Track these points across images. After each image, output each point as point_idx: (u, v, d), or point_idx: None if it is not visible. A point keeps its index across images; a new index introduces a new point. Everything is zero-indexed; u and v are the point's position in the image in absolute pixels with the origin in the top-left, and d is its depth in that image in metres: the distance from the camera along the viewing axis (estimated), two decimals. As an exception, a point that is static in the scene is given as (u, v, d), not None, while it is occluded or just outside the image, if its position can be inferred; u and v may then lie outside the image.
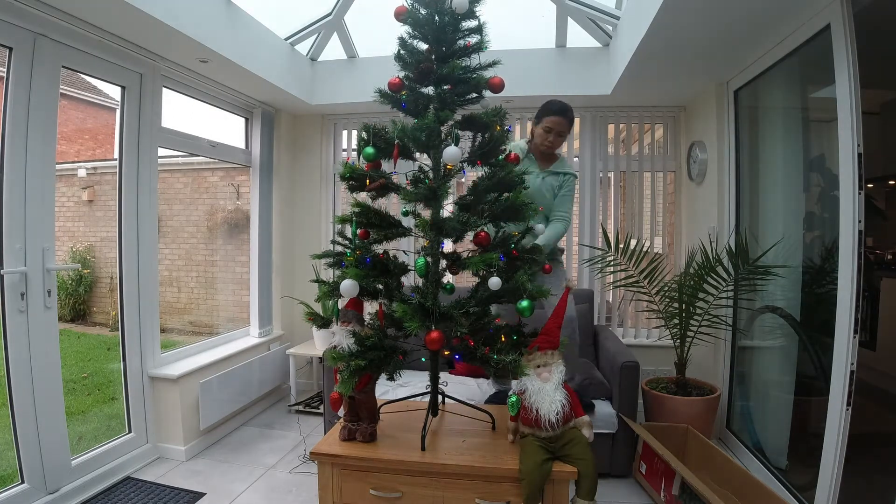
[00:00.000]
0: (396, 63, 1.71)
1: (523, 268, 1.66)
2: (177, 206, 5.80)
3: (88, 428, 3.45)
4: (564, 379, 1.65)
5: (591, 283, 3.71)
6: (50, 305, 2.22)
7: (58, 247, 2.36)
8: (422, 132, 1.60)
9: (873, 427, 2.94)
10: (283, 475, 2.69)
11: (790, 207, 2.62)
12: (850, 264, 1.89)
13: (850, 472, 1.93)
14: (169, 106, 2.91)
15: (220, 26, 2.71)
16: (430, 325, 1.51)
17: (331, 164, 4.08)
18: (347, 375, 1.55)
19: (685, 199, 3.62)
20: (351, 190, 1.75)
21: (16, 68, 2.08)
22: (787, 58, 2.39)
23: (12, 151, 2.08)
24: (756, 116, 2.89)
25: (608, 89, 3.36)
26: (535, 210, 1.66)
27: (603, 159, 3.77)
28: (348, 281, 1.55)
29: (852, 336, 1.87)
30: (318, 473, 1.66)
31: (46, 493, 2.19)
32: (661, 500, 2.30)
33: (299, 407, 3.60)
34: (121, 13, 2.20)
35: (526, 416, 1.62)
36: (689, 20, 2.23)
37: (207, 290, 5.75)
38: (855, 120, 1.88)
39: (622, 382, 2.58)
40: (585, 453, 1.58)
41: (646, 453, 2.49)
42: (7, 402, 2.11)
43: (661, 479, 2.33)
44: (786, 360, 2.58)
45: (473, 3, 1.65)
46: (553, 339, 1.66)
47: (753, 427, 2.78)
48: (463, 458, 1.59)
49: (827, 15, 2.00)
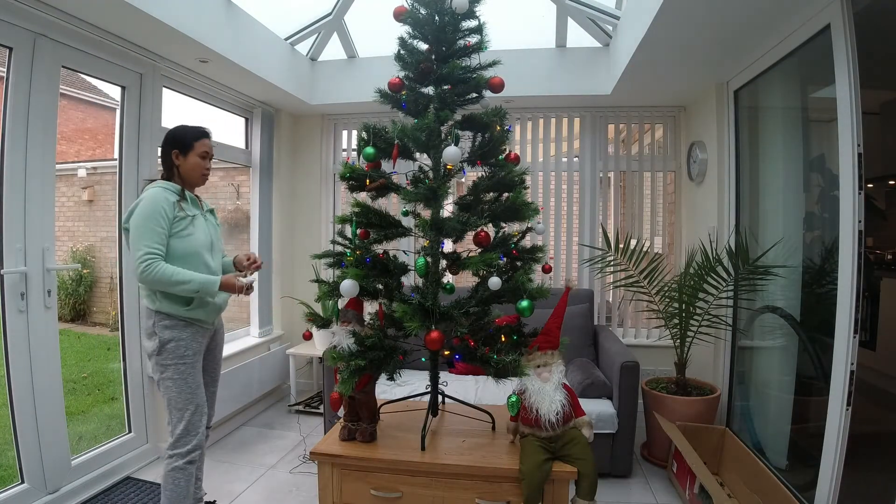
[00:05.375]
0: (396, 63, 1.71)
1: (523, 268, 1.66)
2: (177, 206, 5.78)
3: (88, 428, 3.45)
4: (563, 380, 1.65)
5: (591, 283, 3.71)
6: (50, 305, 2.22)
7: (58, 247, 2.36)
8: (422, 132, 1.60)
9: (873, 427, 2.94)
10: (283, 475, 2.69)
11: (790, 207, 2.62)
12: (850, 264, 1.89)
13: (850, 472, 1.93)
14: (169, 106, 2.91)
15: (220, 26, 2.71)
16: (430, 325, 1.51)
17: (331, 164, 4.08)
18: (347, 375, 1.55)
19: (685, 199, 3.62)
20: (351, 190, 1.75)
21: (16, 68, 2.08)
22: (787, 58, 2.39)
23: (12, 151, 2.08)
24: (756, 116, 2.89)
25: (608, 89, 3.36)
26: (536, 210, 1.66)
27: (603, 159, 3.77)
28: (348, 281, 1.55)
29: (852, 336, 1.87)
30: (318, 473, 1.66)
31: (46, 493, 2.19)
32: (686, 499, 2.34)
33: (299, 407, 3.60)
34: (121, 13, 2.20)
35: (526, 416, 1.62)
36: (689, 20, 2.23)
37: (207, 290, 5.74)
38: (855, 120, 1.88)
39: (622, 382, 2.58)
40: (585, 453, 1.58)
41: (677, 452, 2.51)
42: (7, 402, 2.11)
43: (687, 478, 2.36)
44: (786, 360, 2.58)
45: (473, 3, 1.66)
46: (553, 339, 1.66)
47: (753, 427, 2.78)
48: (463, 458, 1.59)
49: (827, 15, 2.00)
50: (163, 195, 1.87)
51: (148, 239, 1.80)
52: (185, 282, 1.81)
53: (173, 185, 1.95)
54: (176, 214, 1.89)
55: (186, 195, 1.98)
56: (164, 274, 1.79)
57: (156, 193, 1.86)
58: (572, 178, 3.86)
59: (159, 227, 1.82)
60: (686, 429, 2.56)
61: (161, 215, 1.83)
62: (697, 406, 2.71)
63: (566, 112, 3.79)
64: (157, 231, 1.82)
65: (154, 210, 1.82)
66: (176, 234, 1.88)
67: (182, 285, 1.81)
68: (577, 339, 3.16)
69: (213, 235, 2.06)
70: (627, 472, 2.66)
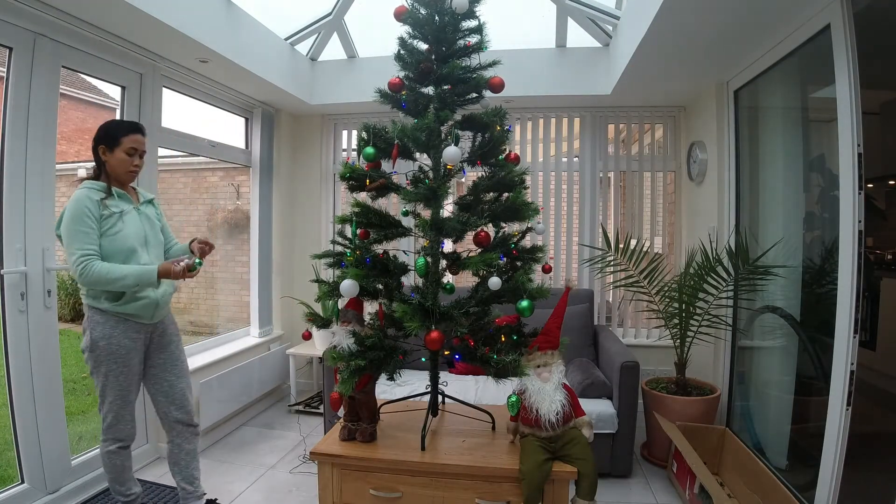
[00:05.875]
0: (396, 63, 1.71)
1: (523, 268, 1.66)
2: (177, 206, 5.80)
3: (88, 428, 3.45)
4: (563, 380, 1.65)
5: (591, 283, 3.72)
6: (50, 305, 2.22)
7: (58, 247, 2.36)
8: (422, 132, 1.60)
9: (873, 427, 2.94)
10: (283, 475, 2.69)
11: (790, 207, 2.62)
12: (850, 264, 1.89)
13: (850, 472, 1.93)
14: (169, 106, 2.91)
15: (220, 26, 2.71)
16: (430, 325, 1.51)
17: (331, 164, 4.08)
18: (347, 375, 1.55)
19: (685, 199, 3.62)
20: (351, 190, 1.75)
21: (16, 68, 2.08)
22: (787, 58, 2.39)
23: (12, 151, 2.08)
24: (756, 116, 2.89)
25: (608, 89, 3.36)
26: (536, 210, 1.66)
27: (603, 159, 3.77)
28: (348, 281, 1.55)
29: (852, 336, 1.87)
30: (318, 473, 1.66)
31: (46, 493, 2.19)
32: (686, 499, 2.34)
33: (299, 407, 3.60)
34: (121, 13, 2.20)
35: (526, 416, 1.61)
36: (688, 20, 2.23)
37: (207, 290, 5.75)
38: (855, 120, 1.88)
39: (622, 382, 2.58)
40: (585, 453, 1.58)
41: (678, 452, 2.50)
42: (7, 402, 2.11)
43: (687, 478, 2.36)
44: (786, 360, 2.58)
45: (473, 3, 1.65)
46: (553, 339, 1.66)
47: (753, 427, 2.78)
48: (463, 458, 1.59)
49: (827, 15, 2.00)
50: (85, 195, 1.85)
51: (79, 241, 1.80)
52: (121, 277, 1.82)
53: (98, 184, 1.92)
54: (101, 213, 1.86)
55: (114, 191, 1.94)
56: (101, 272, 1.79)
57: (79, 196, 1.85)
58: (572, 178, 3.86)
59: (87, 227, 1.82)
60: (686, 429, 2.56)
61: (86, 215, 1.82)
62: (697, 406, 2.71)
63: (566, 112, 3.79)
64: (86, 232, 1.82)
65: (78, 212, 1.81)
66: (104, 232, 1.87)
67: (120, 281, 1.82)
68: (577, 339, 3.16)
69: (147, 228, 2.03)
70: (627, 472, 2.66)
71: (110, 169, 1.95)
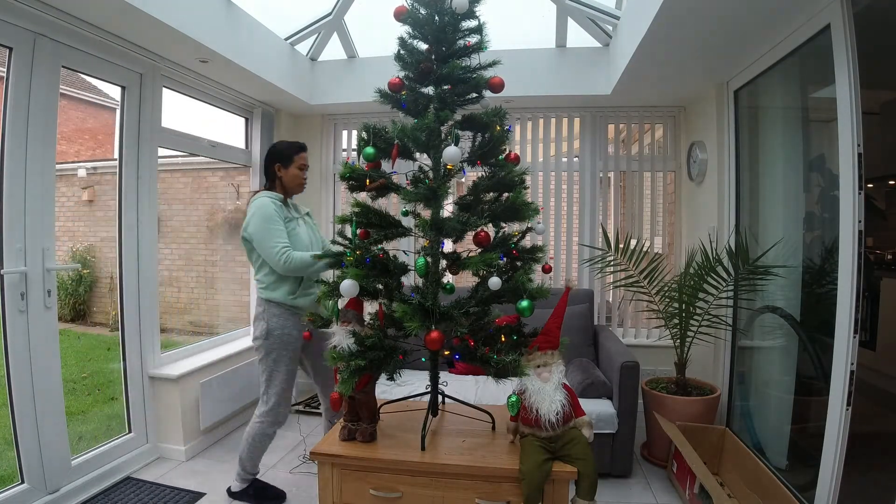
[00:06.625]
0: (396, 63, 1.71)
1: (523, 268, 1.66)
2: (177, 206, 5.80)
3: (88, 428, 3.45)
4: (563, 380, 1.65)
5: (591, 283, 3.72)
6: (50, 305, 2.22)
7: (58, 247, 2.36)
8: (422, 132, 1.59)
9: (873, 427, 2.94)
10: (283, 475, 2.69)
11: (790, 207, 2.62)
12: (850, 264, 1.89)
13: (850, 472, 1.93)
14: (169, 106, 2.91)
15: (220, 26, 2.71)
16: (430, 325, 1.51)
17: (331, 164, 4.08)
18: (347, 375, 1.55)
19: (685, 199, 3.62)
20: (351, 190, 1.75)
21: (16, 68, 2.08)
22: (787, 58, 2.39)
23: (12, 151, 2.08)
24: (756, 116, 2.89)
25: (608, 89, 3.36)
26: (536, 210, 1.66)
27: (603, 159, 3.77)
28: (348, 281, 1.55)
29: (852, 336, 1.87)
30: (318, 473, 1.66)
31: (46, 493, 2.19)
32: (686, 499, 2.33)
33: (299, 407, 3.60)
34: (121, 13, 2.20)
35: (526, 416, 1.61)
36: (688, 20, 2.23)
37: (207, 290, 5.75)
38: (855, 120, 1.88)
39: (622, 382, 2.58)
40: (585, 453, 1.58)
41: (677, 452, 2.51)
42: (7, 402, 2.11)
43: (687, 478, 2.35)
44: (786, 360, 2.58)
45: (473, 3, 1.65)
46: (553, 339, 1.66)
47: (753, 427, 2.78)
48: (463, 458, 1.59)
49: (827, 15, 2.00)
50: (270, 201, 2.18)
51: (275, 237, 2.12)
52: (314, 264, 2.12)
53: (275, 194, 2.24)
54: (285, 216, 2.20)
55: (287, 202, 2.28)
56: (301, 260, 2.11)
57: (264, 202, 2.17)
58: (572, 178, 3.86)
59: (278, 226, 2.14)
60: (686, 429, 2.56)
61: (275, 217, 2.14)
62: (697, 406, 2.71)
63: (566, 112, 3.79)
64: (278, 229, 2.14)
65: (269, 213, 2.14)
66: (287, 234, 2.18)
67: (313, 267, 2.14)
68: (577, 339, 3.16)
69: (312, 235, 2.35)
70: (627, 472, 2.66)
71: (285, 182, 2.31)
